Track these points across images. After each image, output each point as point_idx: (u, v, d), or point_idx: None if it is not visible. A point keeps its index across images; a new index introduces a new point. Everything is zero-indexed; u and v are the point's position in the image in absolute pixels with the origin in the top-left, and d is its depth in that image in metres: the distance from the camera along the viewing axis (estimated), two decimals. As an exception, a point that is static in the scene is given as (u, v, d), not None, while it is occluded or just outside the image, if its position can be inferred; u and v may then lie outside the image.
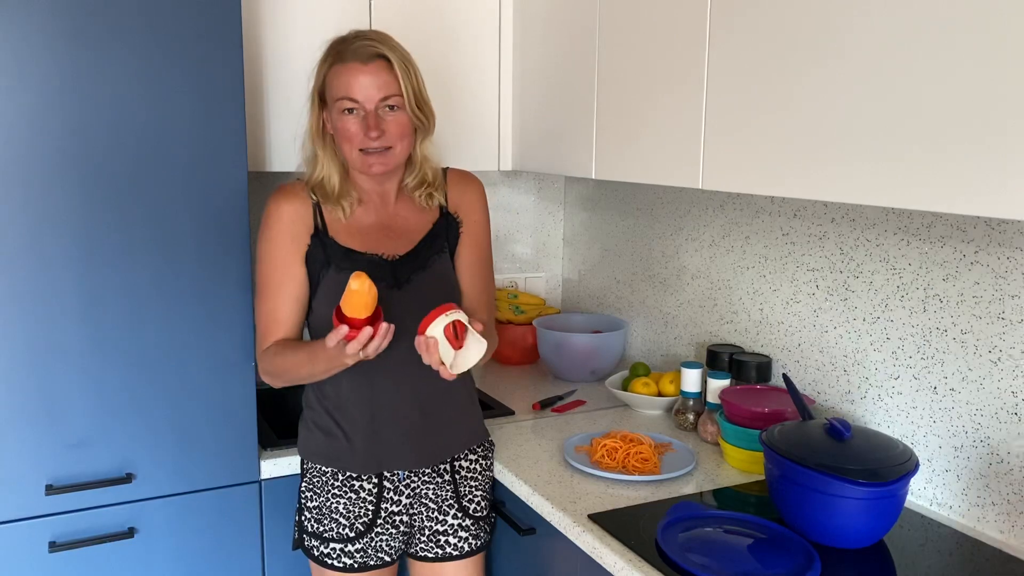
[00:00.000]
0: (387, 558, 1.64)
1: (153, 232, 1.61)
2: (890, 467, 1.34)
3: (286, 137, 1.92)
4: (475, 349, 1.43)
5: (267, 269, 1.58)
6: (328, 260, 1.57)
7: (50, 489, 1.59)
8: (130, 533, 1.67)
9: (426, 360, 1.42)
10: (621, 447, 1.70)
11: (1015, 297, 1.40)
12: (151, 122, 1.58)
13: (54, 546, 1.61)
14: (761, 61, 1.37)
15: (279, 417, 2.19)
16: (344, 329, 1.36)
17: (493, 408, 2.05)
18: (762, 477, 1.65)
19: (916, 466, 1.37)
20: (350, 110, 1.52)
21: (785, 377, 1.61)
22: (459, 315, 1.40)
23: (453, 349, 1.41)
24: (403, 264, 1.59)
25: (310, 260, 1.58)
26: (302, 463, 1.67)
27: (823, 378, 1.77)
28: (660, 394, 2.04)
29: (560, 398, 2.13)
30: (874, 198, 1.20)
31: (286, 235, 1.57)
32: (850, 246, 1.68)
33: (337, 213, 1.59)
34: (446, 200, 1.67)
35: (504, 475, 1.71)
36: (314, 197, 1.59)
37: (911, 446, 1.56)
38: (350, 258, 1.57)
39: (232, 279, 1.68)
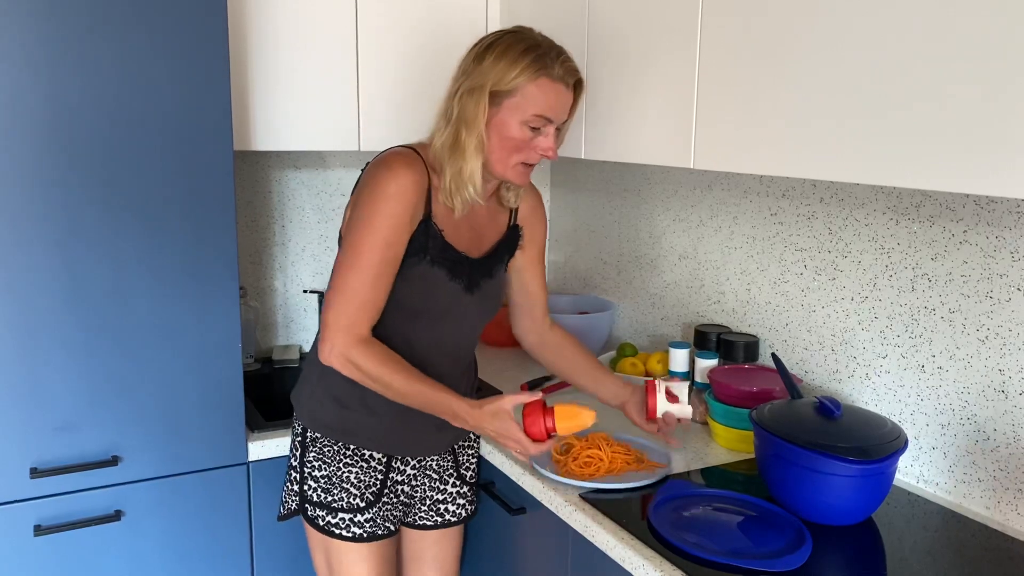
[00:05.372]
0: (391, 527, 1.65)
1: (137, 213, 1.59)
2: (880, 445, 1.35)
3: (271, 115, 1.90)
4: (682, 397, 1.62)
5: (379, 246, 1.44)
6: (426, 249, 1.49)
7: (35, 472, 1.57)
8: (117, 516, 1.65)
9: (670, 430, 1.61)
10: (604, 459, 1.58)
11: (1003, 276, 1.41)
12: (135, 100, 1.55)
13: (39, 529, 1.59)
14: (754, 40, 1.37)
15: (266, 399, 2.18)
16: (550, 444, 1.47)
17: (482, 389, 2.05)
18: (751, 456, 1.66)
19: (905, 444, 1.38)
20: (536, 127, 1.46)
21: (774, 356, 1.62)
22: (660, 386, 1.62)
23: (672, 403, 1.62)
24: (478, 268, 1.57)
25: (410, 243, 1.49)
26: (304, 432, 1.62)
27: (811, 357, 1.78)
28: (648, 374, 2.05)
29: (548, 379, 2.13)
30: (864, 176, 1.20)
31: (407, 213, 1.45)
32: (839, 226, 1.69)
33: (452, 203, 1.51)
34: (516, 211, 1.66)
35: (494, 455, 1.71)
36: (428, 181, 1.49)
37: (898, 424, 1.57)
38: (446, 254, 1.52)
39: (218, 259, 1.66)
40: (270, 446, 1.78)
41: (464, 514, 1.75)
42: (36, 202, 1.51)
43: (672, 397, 1.59)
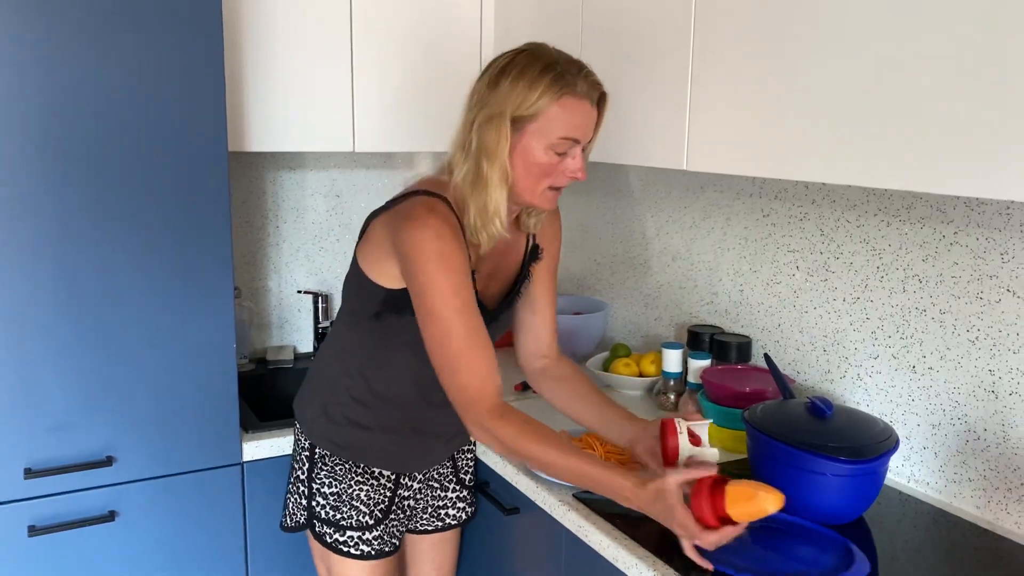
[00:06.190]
0: (396, 543, 1.64)
1: (132, 214, 1.59)
2: (871, 444, 1.36)
3: (266, 116, 1.91)
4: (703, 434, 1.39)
5: (457, 308, 1.33)
6: None
7: (29, 473, 1.57)
8: (111, 516, 1.65)
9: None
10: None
11: (993, 277, 1.42)
12: (129, 102, 1.56)
13: (33, 530, 1.59)
14: (747, 42, 1.38)
15: (260, 399, 2.18)
16: (729, 533, 1.18)
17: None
18: (743, 456, 1.67)
19: (896, 443, 1.39)
20: (563, 151, 1.38)
21: (767, 356, 1.63)
22: (682, 425, 1.36)
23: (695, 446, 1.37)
24: (498, 305, 1.54)
25: None
26: (312, 448, 1.59)
27: (803, 358, 1.79)
28: (641, 375, 2.06)
29: (541, 379, 2.13)
30: (856, 178, 1.21)
31: (463, 264, 1.35)
32: (831, 227, 1.70)
33: (478, 240, 1.43)
34: (533, 232, 1.60)
35: (488, 455, 1.72)
36: (461, 226, 1.40)
37: (890, 424, 1.58)
38: (480, 312, 1.40)
39: (213, 260, 1.67)
40: (264, 446, 1.79)
41: (464, 517, 1.75)
42: (30, 203, 1.51)
43: (694, 439, 1.37)
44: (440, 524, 1.72)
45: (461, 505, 1.74)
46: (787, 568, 1.27)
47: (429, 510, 1.71)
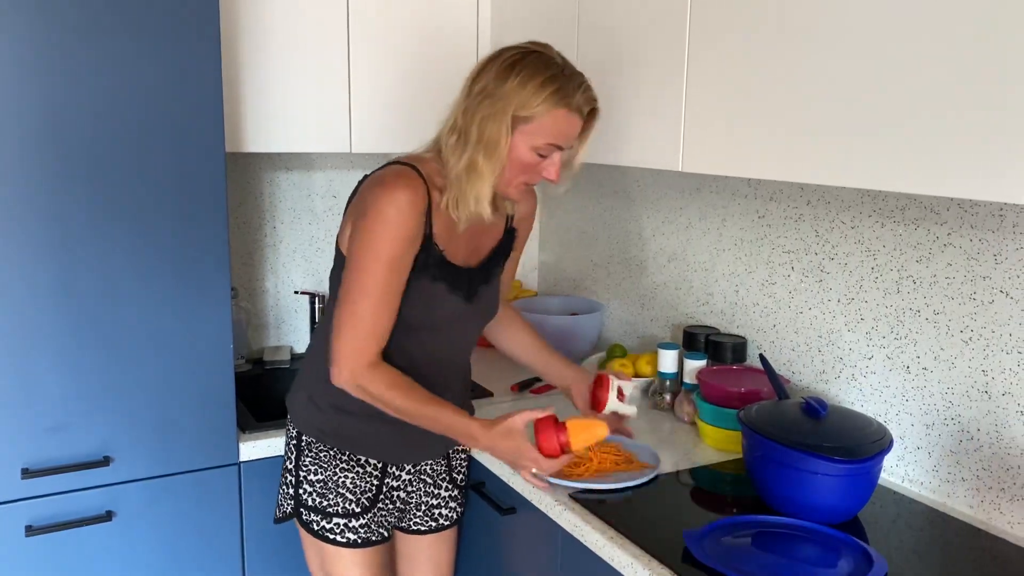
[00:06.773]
0: (385, 533, 1.65)
1: (129, 214, 1.59)
2: (865, 444, 1.37)
3: (263, 116, 1.91)
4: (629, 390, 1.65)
5: (382, 271, 1.42)
6: (427, 267, 1.48)
7: (26, 473, 1.58)
8: (108, 516, 1.66)
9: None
10: (592, 459, 1.61)
11: (986, 278, 1.43)
12: (127, 102, 1.56)
13: (31, 530, 1.59)
14: (741, 44, 1.38)
15: (257, 400, 2.18)
16: (564, 460, 1.46)
17: (472, 390, 2.05)
18: (738, 455, 1.68)
19: (890, 443, 1.40)
20: (544, 154, 1.45)
21: (762, 357, 1.64)
22: (614, 383, 1.62)
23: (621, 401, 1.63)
24: (476, 276, 1.57)
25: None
26: (299, 437, 1.62)
27: (798, 358, 1.79)
28: (637, 375, 2.06)
29: (538, 380, 2.14)
30: (850, 180, 1.22)
31: (408, 237, 1.43)
32: (825, 228, 1.71)
33: (454, 224, 1.50)
34: (513, 214, 1.65)
35: (484, 455, 1.72)
36: (428, 199, 1.46)
37: (884, 424, 1.59)
38: (447, 270, 1.51)
39: (210, 260, 1.67)
40: (261, 447, 1.79)
41: (455, 516, 1.76)
42: (28, 204, 1.51)
43: (621, 395, 1.61)
44: (434, 524, 1.73)
45: (453, 505, 1.75)
46: (799, 572, 1.26)
47: (423, 508, 1.71)
